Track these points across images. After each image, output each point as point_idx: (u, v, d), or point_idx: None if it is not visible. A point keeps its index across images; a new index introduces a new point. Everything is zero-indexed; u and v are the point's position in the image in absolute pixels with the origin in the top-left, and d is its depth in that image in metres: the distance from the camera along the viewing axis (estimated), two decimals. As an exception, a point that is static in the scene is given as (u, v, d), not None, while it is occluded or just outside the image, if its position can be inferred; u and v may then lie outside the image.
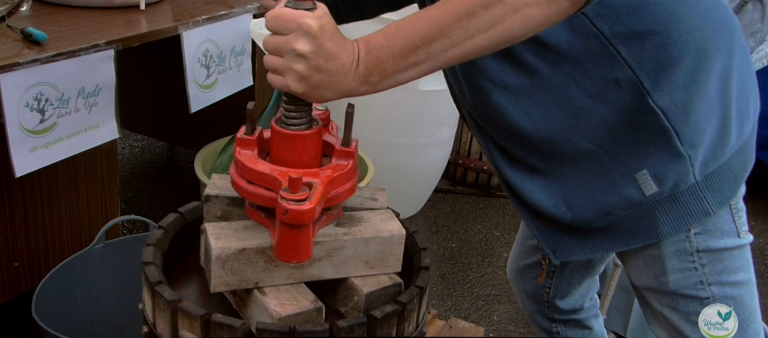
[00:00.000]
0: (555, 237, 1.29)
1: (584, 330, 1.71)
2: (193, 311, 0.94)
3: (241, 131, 1.02)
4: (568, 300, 1.65)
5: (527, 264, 1.65)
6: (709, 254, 1.23)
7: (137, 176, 3.42)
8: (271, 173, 0.96)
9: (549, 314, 1.68)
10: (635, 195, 1.17)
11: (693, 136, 1.14)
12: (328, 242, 1.02)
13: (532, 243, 1.62)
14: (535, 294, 1.67)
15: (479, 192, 3.62)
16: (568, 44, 1.09)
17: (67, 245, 2.22)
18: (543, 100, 1.14)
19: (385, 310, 0.98)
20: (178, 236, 1.14)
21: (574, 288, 1.65)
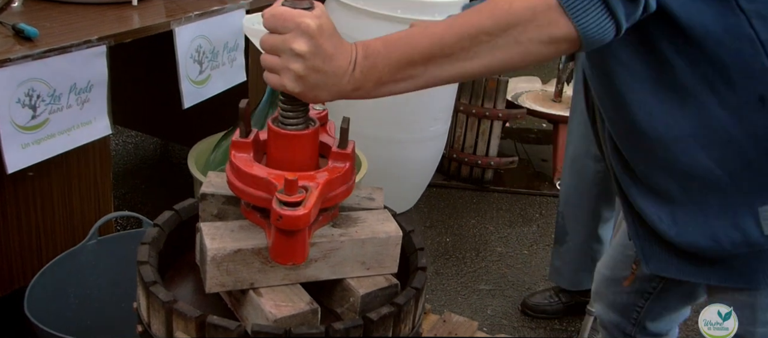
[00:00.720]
0: (653, 245, 1.18)
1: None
2: (188, 312, 0.94)
3: (236, 133, 1.02)
4: (657, 324, 1.56)
5: (623, 277, 1.52)
6: None
7: (131, 172, 3.40)
8: (267, 177, 0.95)
9: (632, 332, 1.58)
10: (753, 232, 1.06)
11: None
12: (324, 243, 1.02)
13: (631, 253, 1.48)
14: (623, 309, 1.57)
15: (473, 186, 3.62)
16: (715, 43, 0.95)
17: (60, 241, 2.21)
18: (668, 98, 1.02)
19: (381, 312, 0.97)
20: (173, 233, 1.13)
21: (669, 313, 1.55)
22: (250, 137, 1.01)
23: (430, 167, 3.36)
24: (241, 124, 1.00)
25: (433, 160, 3.35)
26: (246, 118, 1.00)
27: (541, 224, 3.36)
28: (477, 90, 3.45)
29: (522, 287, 2.87)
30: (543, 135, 4.36)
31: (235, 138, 1.00)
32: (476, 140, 3.55)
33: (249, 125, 1.02)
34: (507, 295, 2.81)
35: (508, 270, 2.99)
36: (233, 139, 0.99)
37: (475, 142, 3.55)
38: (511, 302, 2.77)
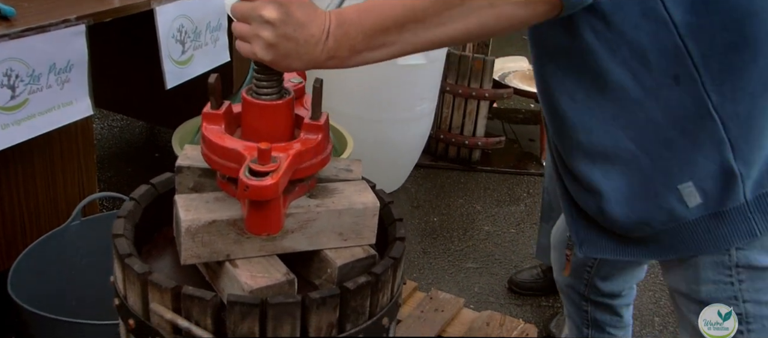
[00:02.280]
0: (588, 229, 1.20)
1: (614, 317, 1.66)
2: (163, 283, 0.93)
3: (207, 106, 1.01)
4: (608, 284, 1.59)
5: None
6: (749, 271, 1.14)
7: (116, 156, 3.39)
8: (237, 148, 0.95)
9: (585, 292, 1.62)
10: (677, 208, 1.07)
11: (749, 153, 1.03)
12: (300, 214, 1.02)
13: None
14: (575, 270, 1.59)
15: (460, 166, 3.63)
16: (633, 26, 0.96)
17: (44, 222, 2.20)
18: (591, 86, 1.03)
19: (358, 282, 0.97)
20: (150, 208, 1.13)
21: (618, 273, 1.58)
22: (222, 109, 1.00)
23: (417, 147, 3.36)
24: (211, 97, 1.00)
25: (420, 140, 3.34)
26: (216, 91, 1.00)
27: (528, 203, 3.37)
28: (463, 70, 3.45)
29: (509, 265, 2.88)
30: (531, 115, 4.37)
31: (206, 110, 0.99)
32: (463, 120, 3.55)
33: (219, 98, 1.01)
34: (494, 273, 2.83)
35: (496, 248, 3.00)
36: (204, 111, 0.99)
37: (462, 122, 3.55)
38: (498, 279, 2.78)
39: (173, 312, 0.93)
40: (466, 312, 2.31)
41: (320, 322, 0.96)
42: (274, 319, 0.93)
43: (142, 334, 0.99)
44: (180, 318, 0.93)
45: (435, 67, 3.15)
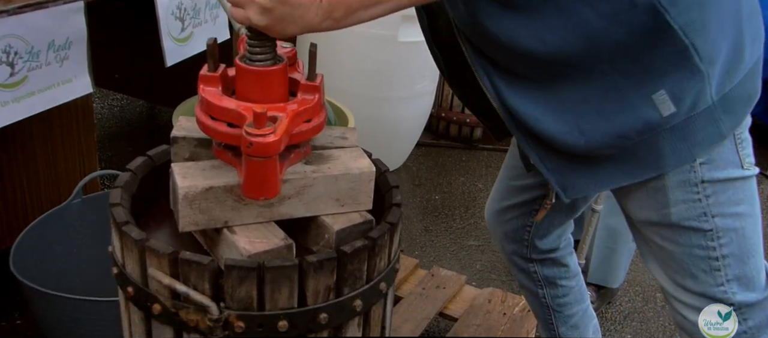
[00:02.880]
0: (564, 174, 1.25)
1: (560, 268, 1.72)
2: (160, 249, 0.94)
3: (204, 68, 1.01)
4: (545, 240, 1.66)
5: (509, 205, 1.65)
6: (714, 185, 1.22)
7: (117, 135, 3.39)
8: (236, 108, 0.95)
9: (527, 254, 1.69)
10: (653, 117, 1.14)
11: (710, 52, 1.11)
12: (297, 179, 1.02)
13: (516, 184, 1.61)
14: (515, 235, 1.67)
15: (462, 145, 3.62)
16: None
17: (45, 201, 2.21)
18: (554, 23, 1.09)
19: (355, 245, 0.97)
20: (147, 180, 1.13)
21: (554, 228, 1.65)
22: (218, 71, 1.00)
23: (418, 125, 3.35)
24: (209, 59, 1.00)
25: (422, 118, 3.34)
26: (214, 53, 0.99)
27: (530, 180, 3.37)
28: (464, 47, 3.44)
29: (510, 242, 2.88)
30: (533, 94, 4.36)
31: (203, 72, 0.99)
32: (465, 98, 3.54)
33: (217, 60, 1.01)
34: (495, 251, 2.83)
35: (497, 225, 3.00)
36: (201, 74, 0.99)
37: (463, 100, 3.55)
38: (499, 257, 2.78)
39: (171, 278, 0.94)
40: (467, 289, 2.32)
41: (318, 286, 0.96)
42: (271, 283, 0.93)
43: (140, 301, 0.99)
44: (178, 283, 0.93)
45: (436, 44, 3.13)
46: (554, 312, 1.76)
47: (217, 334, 0.95)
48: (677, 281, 1.32)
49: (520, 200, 1.62)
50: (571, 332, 1.77)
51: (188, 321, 0.96)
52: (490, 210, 1.73)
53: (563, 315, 1.76)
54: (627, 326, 2.46)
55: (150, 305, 0.97)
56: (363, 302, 1.01)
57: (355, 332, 1.04)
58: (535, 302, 1.78)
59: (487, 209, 1.75)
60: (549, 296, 1.74)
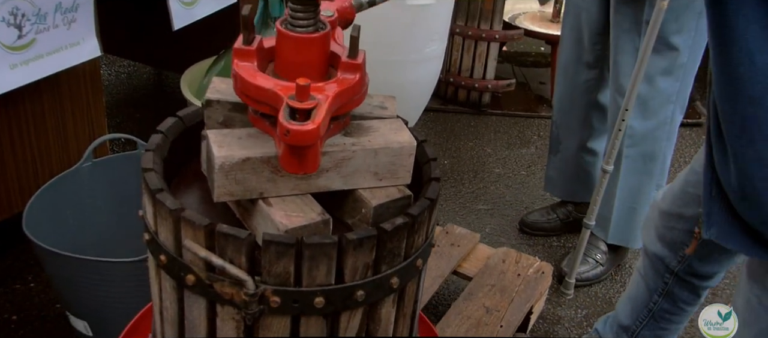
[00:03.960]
0: (720, 212, 1.10)
1: (692, 296, 1.62)
2: (196, 221, 0.91)
3: (238, 41, 0.96)
4: (704, 265, 1.55)
5: (679, 214, 1.50)
6: None
7: (124, 101, 3.35)
8: (273, 88, 0.91)
9: (675, 267, 1.58)
10: None
11: None
12: (336, 152, 0.99)
13: (694, 191, 1.45)
14: (672, 244, 1.56)
15: (471, 110, 3.59)
16: None
17: (56, 165, 2.18)
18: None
19: (395, 223, 0.95)
20: (177, 142, 1.09)
21: (719, 256, 1.53)
22: (254, 44, 0.96)
23: (426, 89, 3.31)
24: (244, 30, 0.95)
25: (430, 83, 3.29)
26: (249, 23, 0.95)
27: (538, 146, 3.35)
28: (473, 11, 3.38)
29: (520, 206, 2.87)
30: (541, 58, 4.31)
31: (238, 45, 0.95)
32: (473, 63, 3.50)
33: (253, 31, 0.97)
34: (505, 214, 2.82)
35: (506, 190, 2.98)
36: (235, 47, 0.94)
37: (471, 64, 3.50)
38: (508, 221, 2.78)
39: (207, 251, 0.91)
40: (482, 247, 2.31)
41: (356, 263, 0.94)
42: (309, 260, 0.91)
43: (173, 270, 0.97)
44: (214, 257, 0.91)
45: (444, 6, 3.08)
46: (653, 319, 1.69)
47: (251, 308, 0.93)
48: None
49: (692, 213, 1.48)
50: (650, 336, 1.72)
51: (223, 293, 0.93)
52: (656, 203, 1.60)
53: (658, 325, 1.70)
54: (638, 294, 2.46)
55: (183, 275, 0.95)
56: (400, 279, 0.99)
57: (389, 308, 1.02)
58: (641, 297, 1.70)
59: (653, 205, 1.61)
60: (660, 307, 1.66)
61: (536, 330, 2.26)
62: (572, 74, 2.42)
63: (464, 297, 2.10)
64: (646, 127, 2.18)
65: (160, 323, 1.11)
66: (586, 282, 2.47)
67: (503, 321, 2.04)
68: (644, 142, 2.21)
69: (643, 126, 2.18)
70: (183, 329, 1.04)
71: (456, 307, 2.06)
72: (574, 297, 2.42)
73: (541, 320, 2.30)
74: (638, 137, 2.21)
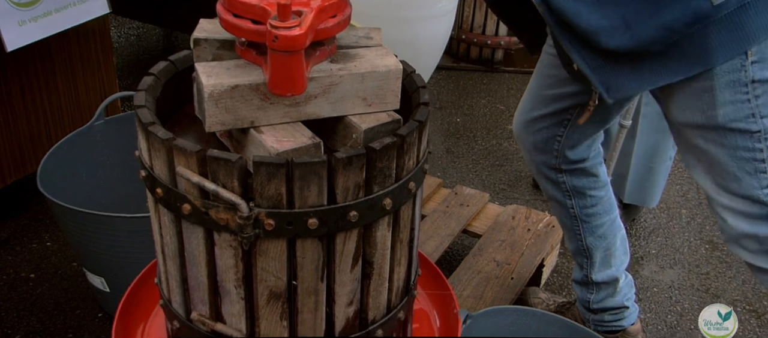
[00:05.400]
0: (608, 73, 1.22)
1: (590, 178, 1.70)
2: (188, 148, 0.92)
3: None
4: (576, 151, 1.64)
5: (540, 115, 1.61)
6: (764, 85, 1.18)
7: (135, 63, 3.38)
8: (260, 3, 0.92)
9: (557, 164, 1.66)
10: (703, 6, 1.09)
11: None
12: (323, 78, 1.00)
13: (549, 93, 1.57)
14: (544, 145, 1.65)
15: (483, 68, 3.57)
16: None
17: (68, 125, 2.21)
18: None
19: (384, 142, 0.96)
20: (170, 85, 1.11)
21: (585, 138, 1.63)
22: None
23: (438, 47, 3.29)
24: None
25: (442, 40, 3.27)
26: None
27: (552, 102, 3.33)
28: (485, -34, 3.36)
29: (533, 162, 2.86)
30: (554, 15, 4.27)
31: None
32: (485, 20, 3.47)
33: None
34: (518, 171, 2.81)
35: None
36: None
37: (483, 21, 3.48)
38: (522, 177, 2.77)
39: (200, 176, 0.93)
40: (491, 206, 2.32)
41: (347, 183, 0.95)
42: (300, 180, 0.92)
43: (170, 202, 0.99)
44: (207, 182, 0.92)
45: (455, -38, 3.05)
46: (582, 222, 1.74)
47: (247, 232, 0.94)
48: (720, 184, 1.29)
49: (552, 109, 1.58)
50: (598, 242, 1.76)
51: (218, 220, 0.95)
52: (518, 121, 1.70)
53: (591, 225, 1.74)
54: (652, 241, 2.45)
55: (180, 205, 0.97)
56: (393, 201, 1.00)
57: (385, 232, 1.03)
58: (562, 213, 1.77)
59: (515, 120, 1.72)
60: (577, 207, 1.72)
61: (551, 283, 2.26)
62: None
63: (474, 253, 2.11)
64: None
65: (162, 262, 1.13)
66: (601, 235, 2.46)
67: (514, 273, 2.05)
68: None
69: None
70: (184, 263, 1.06)
71: (466, 262, 2.07)
72: (588, 248, 2.41)
73: (556, 273, 2.30)
74: None
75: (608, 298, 1.83)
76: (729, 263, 2.37)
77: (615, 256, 1.80)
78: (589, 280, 1.82)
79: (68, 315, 1.99)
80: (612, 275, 1.81)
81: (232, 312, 1.04)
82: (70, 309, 2.01)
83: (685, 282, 2.27)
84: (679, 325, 2.11)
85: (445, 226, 2.19)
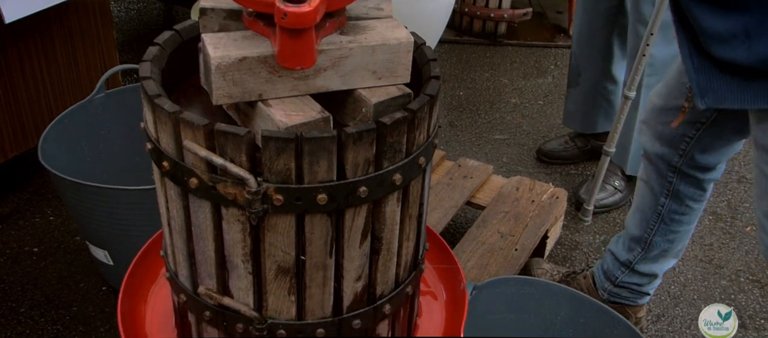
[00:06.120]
0: (710, 78, 1.15)
1: (697, 191, 1.61)
2: (195, 121, 0.91)
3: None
4: (706, 156, 1.54)
5: (675, 106, 1.51)
6: None
7: (135, 38, 3.34)
8: (268, -25, 0.90)
9: (677, 163, 1.57)
10: None
11: None
12: (332, 50, 0.98)
13: (686, 80, 1.45)
14: (671, 140, 1.55)
15: (486, 41, 3.54)
16: None
17: (69, 100, 2.20)
18: None
19: (394, 117, 0.94)
20: (175, 56, 1.09)
21: (721, 144, 1.53)
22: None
23: (441, 21, 3.25)
24: None
25: (445, 13, 3.24)
26: None
27: (556, 75, 3.30)
28: (488, -63, 3.31)
29: (537, 136, 2.85)
30: (558, -14, 4.22)
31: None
32: (488, -8, 3.43)
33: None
34: (522, 143, 2.80)
35: (523, 120, 2.96)
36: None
37: (487, -7, 3.44)
38: (526, 150, 2.76)
39: (207, 150, 0.91)
40: (495, 178, 2.31)
41: (357, 158, 0.93)
42: (309, 155, 0.91)
43: (177, 176, 0.97)
44: (215, 156, 0.91)
45: (459, -67, 3.01)
46: (663, 222, 1.68)
47: (255, 207, 0.93)
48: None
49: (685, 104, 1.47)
50: (664, 243, 1.71)
51: (226, 194, 0.94)
52: (651, 103, 1.61)
53: (669, 228, 1.69)
54: (656, 216, 2.45)
55: (186, 179, 0.95)
56: (402, 176, 0.99)
57: (394, 207, 1.02)
58: (648, 204, 1.69)
59: (648, 101, 1.63)
60: (668, 208, 1.65)
61: (554, 255, 2.26)
62: (593, 3, 2.37)
63: (478, 225, 2.10)
64: (667, 54, 2.13)
65: (169, 235, 1.12)
66: (604, 208, 2.46)
67: (518, 245, 2.04)
68: (665, 70, 2.17)
69: (664, 53, 2.13)
70: (191, 237, 1.05)
71: (470, 234, 2.07)
72: (592, 223, 2.41)
73: (559, 246, 2.30)
74: (659, 65, 2.17)
75: (635, 283, 1.82)
76: (732, 234, 2.36)
77: (667, 258, 1.76)
78: (631, 265, 1.78)
79: (72, 288, 1.99)
80: (654, 271, 1.78)
81: (239, 286, 1.04)
82: (73, 282, 2.01)
83: (689, 253, 2.27)
84: (682, 296, 2.11)
85: (449, 198, 2.18)
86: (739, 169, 2.70)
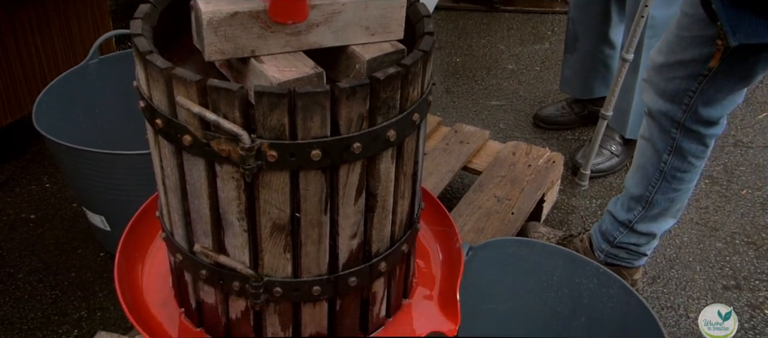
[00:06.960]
0: (741, 14, 1.16)
1: (700, 146, 1.61)
2: (188, 77, 0.90)
3: None
4: (710, 109, 1.54)
5: (676, 61, 1.51)
6: None
7: (129, 6, 3.31)
8: (259, -74, 0.89)
9: (681, 118, 1.57)
10: None
11: None
12: (325, 5, 0.97)
13: (688, 34, 1.48)
14: (674, 96, 1.55)
15: (483, 7, 3.52)
16: None
17: (62, 67, 2.18)
18: None
19: (387, 72, 0.94)
20: (166, 14, 1.08)
21: (724, 96, 1.52)
22: None
23: (437, -14, 3.24)
24: None
25: (441, -21, 3.22)
26: None
27: (553, 41, 3.29)
28: None
29: (534, 101, 2.84)
30: (555, -48, 4.19)
31: None
32: (485, -43, 3.40)
33: None
34: (519, 109, 2.79)
35: (520, 86, 2.95)
36: None
37: (483, -41, 3.41)
38: (523, 116, 2.76)
39: (201, 106, 0.91)
40: (491, 143, 2.31)
41: (350, 114, 0.93)
42: (303, 110, 0.91)
43: (170, 133, 0.97)
44: (208, 112, 0.91)
45: None
46: (664, 179, 1.68)
47: (249, 164, 0.93)
48: None
49: (689, 56, 1.49)
50: (664, 202, 1.72)
51: (220, 151, 0.94)
52: (653, 62, 1.60)
53: (671, 186, 1.69)
54: (652, 180, 2.45)
55: (180, 136, 0.95)
56: (396, 132, 0.99)
57: (388, 164, 1.02)
58: (650, 161, 1.69)
59: (650, 59, 1.62)
60: (670, 165, 1.65)
61: (551, 219, 2.27)
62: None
63: (475, 189, 2.10)
64: (667, 15, 2.11)
65: (164, 195, 1.12)
66: (601, 173, 2.46)
67: (514, 208, 2.05)
68: (665, 30, 2.16)
69: (664, 14, 2.12)
70: (186, 195, 1.05)
71: (467, 198, 2.07)
72: (588, 187, 2.41)
73: (556, 210, 2.31)
74: (659, 27, 2.15)
75: (634, 244, 1.82)
76: (728, 197, 2.37)
77: (666, 218, 1.76)
78: (630, 224, 1.79)
79: (70, 254, 2.00)
80: (653, 230, 1.79)
81: (235, 244, 1.04)
82: (71, 248, 2.01)
83: (684, 216, 2.28)
84: (678, 258, 2.12)
85: (446, 163, 2.18)
86: (735, 133, 2.70)
